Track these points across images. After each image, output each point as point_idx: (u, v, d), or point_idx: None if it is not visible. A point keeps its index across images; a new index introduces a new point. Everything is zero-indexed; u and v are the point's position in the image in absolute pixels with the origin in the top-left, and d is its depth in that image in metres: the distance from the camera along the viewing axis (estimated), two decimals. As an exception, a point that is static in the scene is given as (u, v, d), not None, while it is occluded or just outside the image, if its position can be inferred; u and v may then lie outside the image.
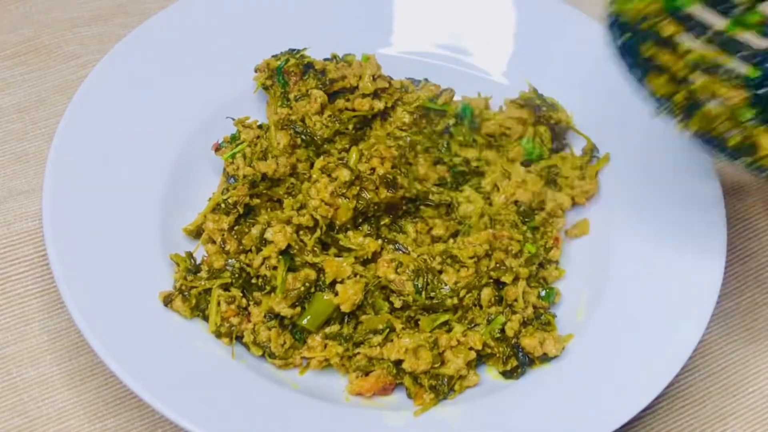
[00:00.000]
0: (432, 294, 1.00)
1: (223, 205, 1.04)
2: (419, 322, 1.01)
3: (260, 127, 1.10)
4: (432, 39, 1.23)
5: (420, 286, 1.00)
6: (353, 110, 1.12)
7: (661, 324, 1.00)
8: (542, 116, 1.15)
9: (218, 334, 1.00)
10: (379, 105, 1.12)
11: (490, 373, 1.01)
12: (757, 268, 1.16)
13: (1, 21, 1.29)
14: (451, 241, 1.05)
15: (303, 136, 1.09)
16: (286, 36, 1.18)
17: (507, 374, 1.00)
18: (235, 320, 1.00)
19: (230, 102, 1.14)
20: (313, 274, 1.00)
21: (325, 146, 1.10)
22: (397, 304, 1.00)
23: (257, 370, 0.98)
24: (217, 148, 1.10)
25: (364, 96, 1.12)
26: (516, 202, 1.09)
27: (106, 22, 1.31)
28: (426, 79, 1.18)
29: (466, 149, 1.13)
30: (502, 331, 1.01)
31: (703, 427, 1.04)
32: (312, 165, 1.08)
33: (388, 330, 1.00)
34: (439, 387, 0.97)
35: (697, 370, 1.08)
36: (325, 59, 1.15)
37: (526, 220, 1.09)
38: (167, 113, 1.12)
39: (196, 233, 1.07)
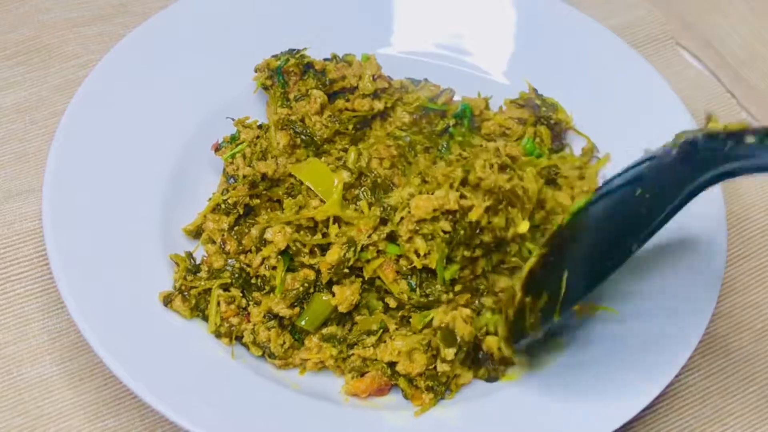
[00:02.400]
0: (428, 291, 1.00)
1: (223, 206, 1.04)
2: (411, 320, 1.01)
3: (260, 127, 1.10)
4: (432, 39, 1.23)
5: (414, 284, 1.00)
6: (353, 110, 1.12)
7: (661, 324, 0.99)
8: (542, 116, 1.15)
9: (218, 335, 1.00)
10: (379, 105, 1.12)
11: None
12: (757, 268, 1.16)
13: (1, 21, 1.29)
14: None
15: (303, 136, 1.09)
16: (286, 36, 1.18)
17: (489, 379, 1.00)
18: (234, 320, 1.00)
19: (230, 102, 1.14)
20: (312, 275, 1.00)
21: (325, 146, 1.10)
22: (392, 304, 1.00)
23: (257, 370, 0.98)
24: (217, 148, 1.10)
25: (364, 96, 1.12)
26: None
27: (107, 21, 1.31)
28: (426, 79, 1.18)
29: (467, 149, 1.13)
30: None
31: (703, 427, 1.04)
32: (312, 165, 1.08)
33: (381, 331, 0.99)
34: (437, 388, 0.97)
35: (697, 370, 1.08)
36: (325, 59, 1.15)
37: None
38: (167, 113, 1.12)
39: (196, 233, 1.07)
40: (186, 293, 1.00)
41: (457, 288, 1.00)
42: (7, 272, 1.07)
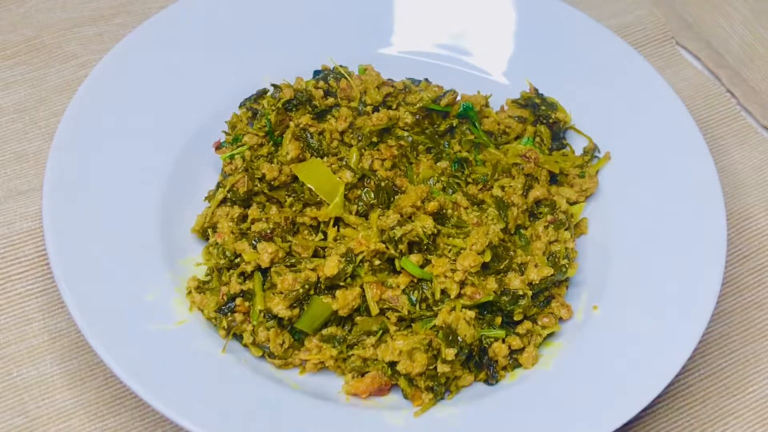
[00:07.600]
0: (430, 304, 1.00)
1: (229, 195, 1.04)
2: (413, 325, 1.00)
3: (266, 134, 1.09)
4: (432, 39, 1.23)
5: (415, 299, 1.00)
6: (373, 125, 1.10)
7: (661, 324, 0.99)
8: (541, 115, 1.15)
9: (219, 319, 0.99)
10: (396, 114, 1.11)
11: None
12: (757, 268, 1.16)
13: (1, 21, 1.29)
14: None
15: (312, 148, 1.08)
16: (286, 34, 1.18)
17: (488, 382, 1.00)
18: (238, 317, 0.99)
19: (230, 102, 1.14)
20: (313, 276, 0.99)
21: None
22: (393, 319, 1.00)
23: (257, 369, 0.98)
24: (218, 147, 1.10)
25: (374, 109, 1.11)
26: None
27: (107, 22, 1.31)
28: (426, 79, 1.17)
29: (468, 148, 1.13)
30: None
31: (703, 427, 1.04)
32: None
33: (381, 331, 0.99)
34: (437, 388, 0.97)
35: (697, 370, 1.08)
36: (316, 72, 1.14)
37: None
38: (167, 113, 1.12)
39: (203, 232, 1.06)
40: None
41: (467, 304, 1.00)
42: (7, 272, 1.07)
